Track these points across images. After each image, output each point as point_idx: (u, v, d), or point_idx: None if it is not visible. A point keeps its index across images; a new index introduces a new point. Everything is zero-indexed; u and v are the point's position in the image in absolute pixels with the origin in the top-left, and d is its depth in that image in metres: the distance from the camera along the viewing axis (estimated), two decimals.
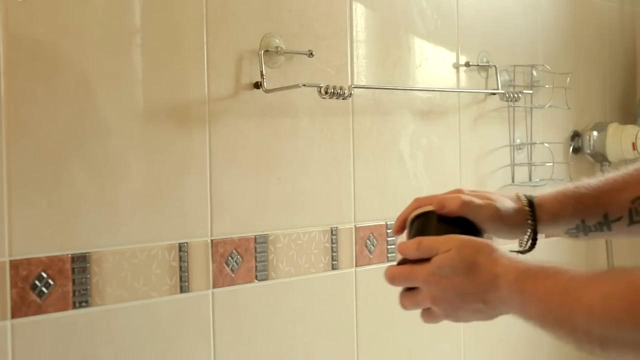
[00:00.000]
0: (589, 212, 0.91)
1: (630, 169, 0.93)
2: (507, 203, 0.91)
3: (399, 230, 0.93)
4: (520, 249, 0.92)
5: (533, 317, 0.78)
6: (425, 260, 0.84)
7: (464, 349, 1.83)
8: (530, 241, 0.91)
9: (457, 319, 0.85)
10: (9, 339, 1.13)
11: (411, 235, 0.90)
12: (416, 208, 0.91)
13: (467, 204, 0.88)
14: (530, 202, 0.91)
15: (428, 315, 0.87)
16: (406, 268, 0.85)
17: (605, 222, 0.91)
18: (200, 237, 1.35)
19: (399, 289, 0.85)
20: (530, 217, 0.90)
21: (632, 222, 0.91)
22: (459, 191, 0.92)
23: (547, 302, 0.76)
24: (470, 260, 0.81)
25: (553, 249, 2.11)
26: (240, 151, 1.40)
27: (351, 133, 1.59)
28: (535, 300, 0.77)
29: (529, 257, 0.83)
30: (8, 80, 1.12)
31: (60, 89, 1.18)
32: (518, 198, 0.92)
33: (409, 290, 0.87)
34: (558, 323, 0.75)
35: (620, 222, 0.91)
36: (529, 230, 0.90)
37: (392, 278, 0.87)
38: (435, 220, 0.88)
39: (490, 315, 0.84)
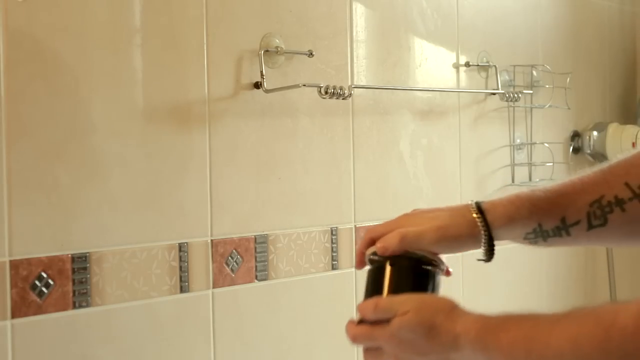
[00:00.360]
0: (545, 216, 0.87)
1: (587, 171, 0.89)
2: (452, 218, 0.88)
3: (360, 265, 0.92)
4: (482, 257, 0.89)
5: None
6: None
7: None
8: (487, 247, 0.87)
9: None
10: (9, 339, 1.13)
11: (367, 286, 0.89)
12: (369, 241, 0.90)
13: (404, 238, 0.86)
14: (479, 208, 0.88)
15: None
16: (366, 329, 0.84)
17: (563, 227, 0.87)
18: (200, 237, 1.35)
19: None
20: (481, 223, 0.87)
21: (590, 226, 0.87)
22: (404, 217, 0.90)
23: (512, 353, 0.75)
24: (429, 323, 0.80)
25: (553, 253, 2.11)
26: (240, 151, 1.40)
27: (351, 133, 1.59)
28: (500, 354, 0.75)
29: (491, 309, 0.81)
30: (8, 80, 1.12)
31: (60, 89, 1.18)
32: (467, 207, 0.89)
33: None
34: None
35: (578, 226, 0.87)
36: (483, 236, 0.87)
37: (354, 338, 0.86)
38: (387, 268, 0.87)
39: None
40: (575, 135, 2.18)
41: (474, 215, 0.87)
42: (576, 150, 2.18)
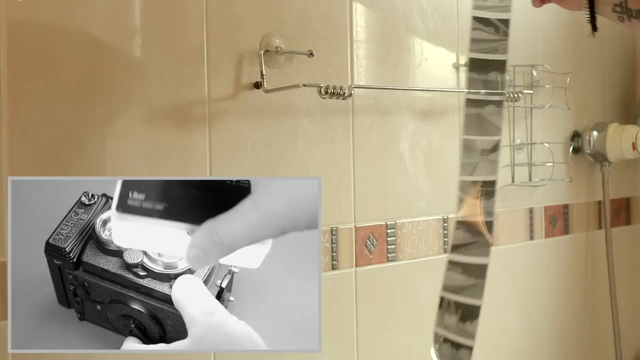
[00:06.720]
0: None
1: None
2: None
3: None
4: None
5: None
6: None
7: None
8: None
9: None
10: None
11: None
12: None
13: None
14: None
15: None
16: None
17: None
18: None
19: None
20: None
21: None
22: None
23: None
24: None
25: (553, 253, 2.11)
26: (240, 151, 1.40)
27: (351, 133, 1.59)
28: None
29: None
30: (8, 80, 1.12)
31: (61, 88, 1.18)
32: None
33: None
34: None
35: None
36: None
37: None
38: None
39: None
40: (575, 135, 2.18)
41: None
42: (576, 150, 2.18)
